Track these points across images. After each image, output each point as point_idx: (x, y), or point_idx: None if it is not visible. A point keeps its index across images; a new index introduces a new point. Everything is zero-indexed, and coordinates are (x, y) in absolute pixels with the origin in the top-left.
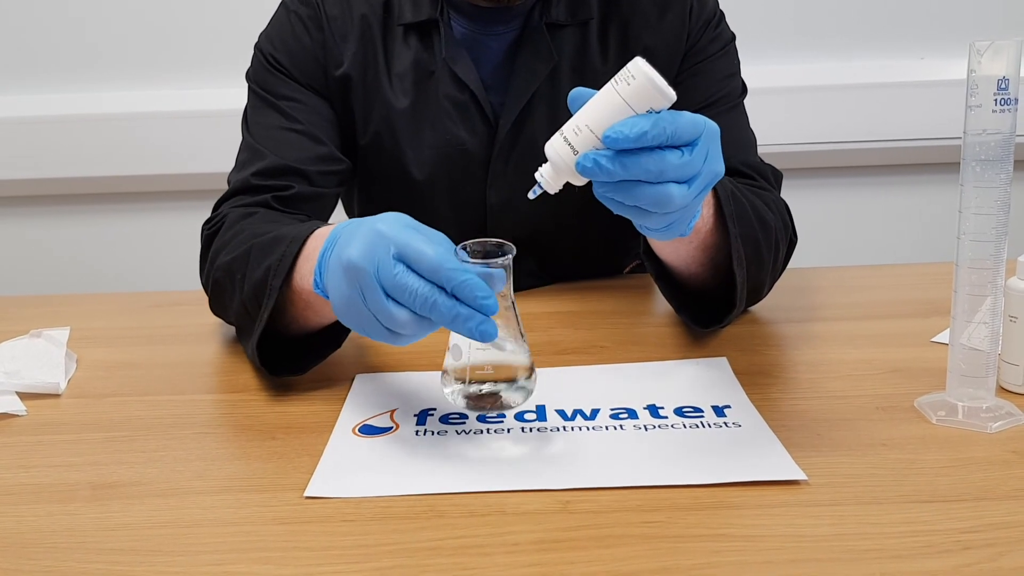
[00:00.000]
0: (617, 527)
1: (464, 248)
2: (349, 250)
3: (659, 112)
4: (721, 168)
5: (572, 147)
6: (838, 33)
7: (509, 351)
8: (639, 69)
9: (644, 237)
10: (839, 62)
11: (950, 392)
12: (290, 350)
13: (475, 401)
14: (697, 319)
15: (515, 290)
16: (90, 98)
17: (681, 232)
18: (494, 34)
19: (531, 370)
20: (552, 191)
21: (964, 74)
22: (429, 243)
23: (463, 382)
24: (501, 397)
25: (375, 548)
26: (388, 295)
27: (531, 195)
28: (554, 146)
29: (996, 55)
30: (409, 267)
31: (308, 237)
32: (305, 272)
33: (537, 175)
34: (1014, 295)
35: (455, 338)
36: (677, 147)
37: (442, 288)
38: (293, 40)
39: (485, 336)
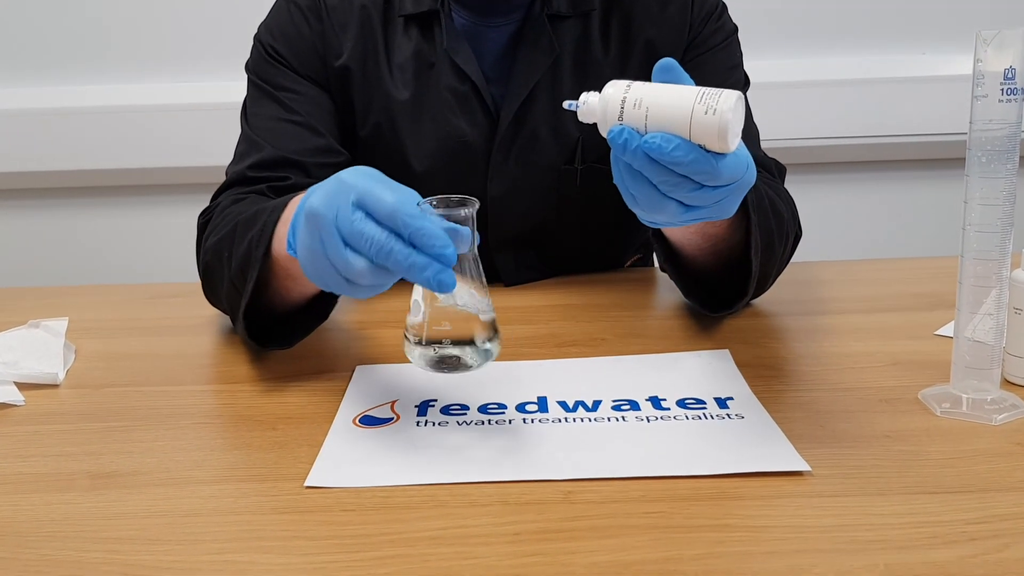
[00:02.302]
0: (619, 517)
1: (430, 203)
2: (312, 199)
3: (707, 152)
4: (731, 212)
5: (623, 109)
6: (839, 28)
7: (469, 306)
8: (724, 110)
9: None
10: (840, 57)
11: (954, 384)
12: (279, 328)
13: (435, 362)
14: (706, 304)
15: (516, 283)
16: (89, 91)
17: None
18: (495, 25)
19: (493, 329)
20: (582, 119)
21: (966, 69)
22: (389, 190)
23: (421, 341)
24: (460, 357)
25: (376, 538)
26: (347, 243)
27: (565, 104)
28: (613, 91)
29: (1002, 44)
30: (368, 214)
31: (287, 204)
32: (282, 236)
33: (583, 96)
34: (1019, 287)
35: (416, 294)
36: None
37: (400, 236)
38: (292, 30)
39: (443, 286)
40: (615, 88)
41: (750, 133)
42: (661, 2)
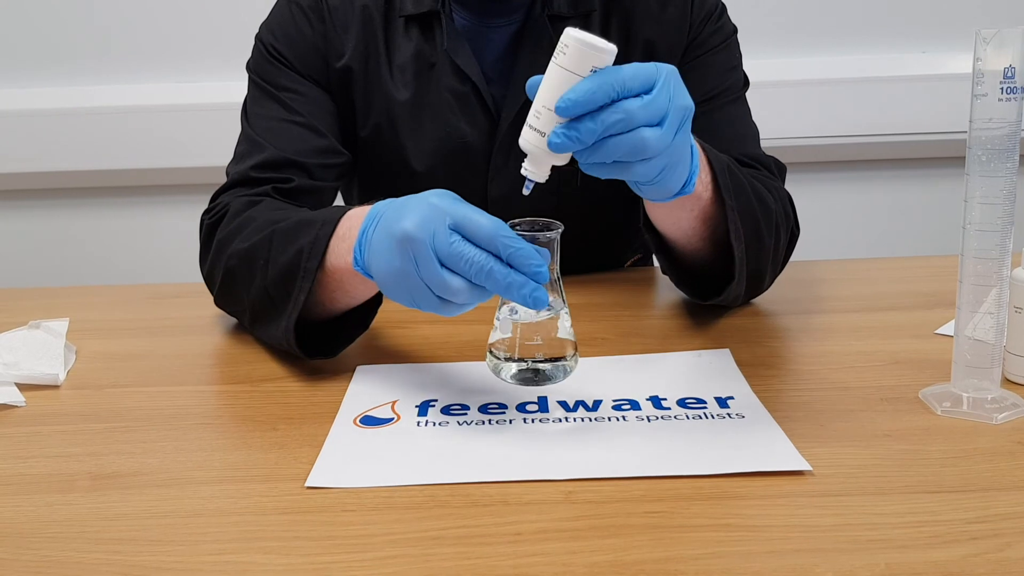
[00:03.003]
0: (620, 517)
1: (513, 226)
2: (404, 222)
3: (604, 69)
4: (690, 103)
5: (539, 132)
6: (839, 28)
7: (558, 323)
8: (569, 36)
9: (643, 209)
10: (840, 56)
11: (955, 383)
12: (313, 334)
13: (523, 374)
14: (696, 292)
15: None
16: (89, 91)
17: (676, 188)
18: (496, 26)
19: (575, 347)
20: (541, 180)
21: (965, 68)
22: (482, 215)
23: (512, 357)
24: (550, 371)
25: (377, 538)
26: (443, 264)
27: (525, 191)
28: (525, 138)
29: (1002, 43)
30: (464, 237)
31: (340, 219)
32: (341, 252)
33: (523, 170)
34: (1020, 286)
35: (502, 312)
36: (636, 95)
37: (497, 256)
38: (294, 30)
39: (538, 303)
40: (523, 135)
41: (749, 132)
42: (661, 3)
